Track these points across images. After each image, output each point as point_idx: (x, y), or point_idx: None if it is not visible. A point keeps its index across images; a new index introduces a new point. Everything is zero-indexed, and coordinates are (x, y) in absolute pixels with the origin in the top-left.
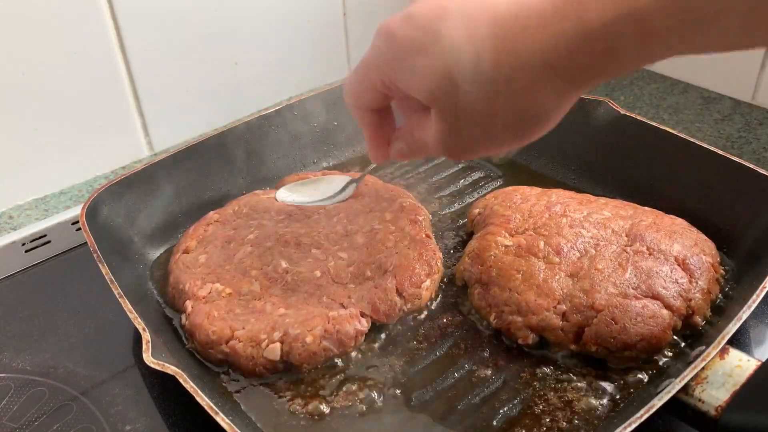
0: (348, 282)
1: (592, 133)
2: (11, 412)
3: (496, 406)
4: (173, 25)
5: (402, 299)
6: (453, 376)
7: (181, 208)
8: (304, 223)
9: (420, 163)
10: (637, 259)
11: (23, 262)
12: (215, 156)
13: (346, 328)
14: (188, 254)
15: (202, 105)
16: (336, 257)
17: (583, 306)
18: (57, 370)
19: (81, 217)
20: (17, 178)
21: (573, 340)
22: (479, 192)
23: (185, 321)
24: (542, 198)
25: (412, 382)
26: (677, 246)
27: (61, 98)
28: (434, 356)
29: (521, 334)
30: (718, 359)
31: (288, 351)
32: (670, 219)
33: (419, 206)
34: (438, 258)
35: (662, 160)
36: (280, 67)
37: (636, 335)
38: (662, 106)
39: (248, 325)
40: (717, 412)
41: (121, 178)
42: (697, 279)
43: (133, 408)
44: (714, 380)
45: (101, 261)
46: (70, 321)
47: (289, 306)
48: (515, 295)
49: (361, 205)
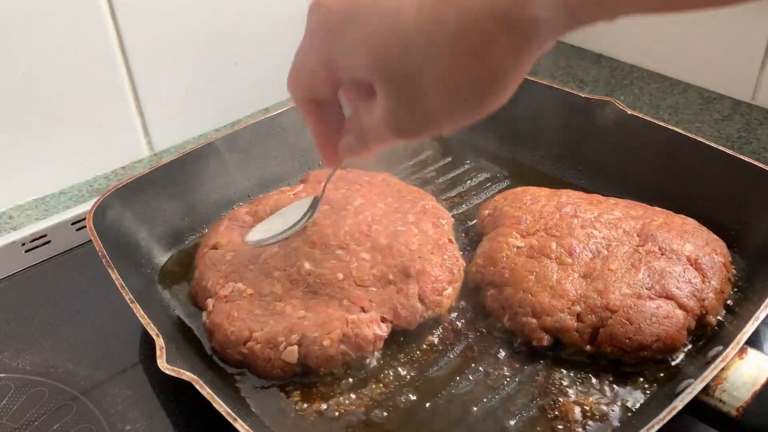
0: (370, 285)
1: (599, 133)
2: (11, 412)
3: (512, 410)
4: (173, 25)
5: (424, 306)
6: (468, 379)
7: (188, 211)
8: (333, 220)
9: (427, 164)
10: (649, 260)
11: (23, 262)
12: (220, 158)
13: (365, 332)
14: (216, 250)
15: (202, 105)
16: (359, 258)
17: (597, 307)
18: (57, 370)
19: (88, 222)
20: (17, 178)
21: (588, 341)
22: (486, 193)
23: (206, 319)
24: (552, 199)
25: (427, 386)
26: (689, 246)
27: (61, 98)
28: (449, 359)
29: (536, 336)
30: (737, 359)
31: (305, 354)
32: (680, 218)
33: (442, 209)
34: (461, 265)
35: (670, 160)
36: (280, 67)
37: (651, 336)
38: (662, 106)
39: (267, 326)
40: (738, 413)
41: (128, 181)
42: (710, 279)
43: (133, 408)
44: (734, 380)
45: (110, 266)
46: (70, 321)
47: (309, 308)
48: (529, 296)
49: (384, 204)
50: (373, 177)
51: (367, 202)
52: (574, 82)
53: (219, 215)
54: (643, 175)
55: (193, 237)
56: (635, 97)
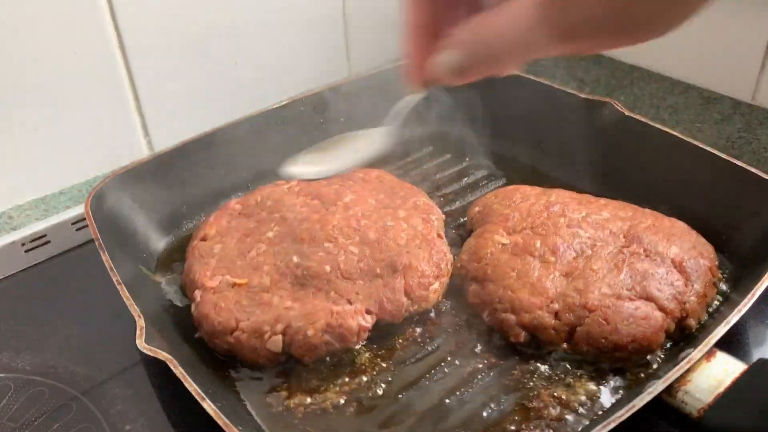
0: (357, 278)
1: (597, 134)
2: (11, 412)
3: (486, 402)
4: (173, 25)
5: (410, 300)
6: (444, 371)
7: (186, 200)
8: (322, 215)
9: (426, 160)
10: (633, 261)
11: (23, 262)
12: (220, 149)
13: (348, 323)
14: (205, 242)
15: (202, 105)
16: (347, 252)
17: (575, 306)
18: (57, 370)
19: (86, 206)
20: (17, 178)
21: (565, 339)
22: (482, 191)
23: (194, 310)
24: (542, 198)
25: (403, 377)
26: (675, 248)
27: (61, 98)
28: (427, 351)
29: (513, 332)
30: (704, 362)
31: (290, 343)
32: (669, 221)
33: (433, 206)
34: (448, 260)
35: (665, 162)
36: (280, 67)
37: (627, 336)
38: (662, 107)
39: (253, 316)
40: (699, 414)
41: (128, 168)
42: (693, 282)
43: (133, 408)
44: (699, 382)
45: (102, 248)
46: (70, 321)
47: (296, 300)
48: (508, 292)
49: (375, 200)
50: (367, 173)
51: (358, 198)
52: (574, 82)
53: (217, 205)
54: (639, 176)
55: (191, 225)
56: (635, 97)
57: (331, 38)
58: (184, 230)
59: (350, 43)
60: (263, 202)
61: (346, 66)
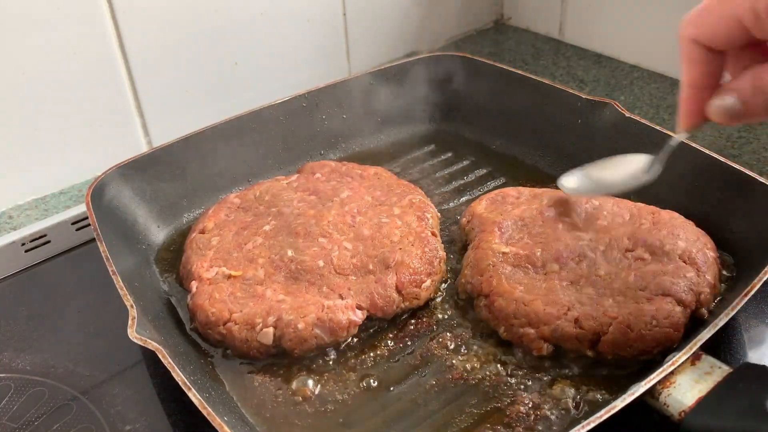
0: (349, 273)
1: (596, 135)
2: (11, 412)
3: (469, 402)
4: (173, 25)
5: (401, 297)
6: (431, 369)
7: (187, 193)
8: (318, 210)
9: (426, 158)
10: (639, 265)
11: (23, 262)
12: (221, 143)
13: (338, 318)
14: (203, 235)
15: (202, 105)
16: (341, 247)
17: (593, 313)
18: (57, 370)
19: (86, 197)
20: (17, 178)
21: (588, 347)
22: (481, 190)
23: (189, 300)
24: (533, 203)
25: (390, 374)
26: (681, 243)
27: (61, 98)
28: (416, 348)
29: (535, 346)
30: (689, 364)
31: (280, 336)
32: (668, 214)
33: (429, 204)
34: (441, 258)
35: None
36: (280, 67)
37: (652, 342)
38: (662, 106)
39: (246, 308)
40: (680, 417)
41: (129, 161)
42: (705, 273)
43: (133, 408)
44: (682, 385)
45: (100, 239)
46: (70, 321)
47: (288, 293)
48: (522, 306)
49: (372, 197)
50: (365, 170)
51: (354, 194)
52: (574, 82)
53: (217, 198)
54: None
55: (191, 218)
56: (635, 97)
57: (331, 38)
58: (184, 223)
59: (350, 43)
60: (261, 196)
61: (346, 66)
